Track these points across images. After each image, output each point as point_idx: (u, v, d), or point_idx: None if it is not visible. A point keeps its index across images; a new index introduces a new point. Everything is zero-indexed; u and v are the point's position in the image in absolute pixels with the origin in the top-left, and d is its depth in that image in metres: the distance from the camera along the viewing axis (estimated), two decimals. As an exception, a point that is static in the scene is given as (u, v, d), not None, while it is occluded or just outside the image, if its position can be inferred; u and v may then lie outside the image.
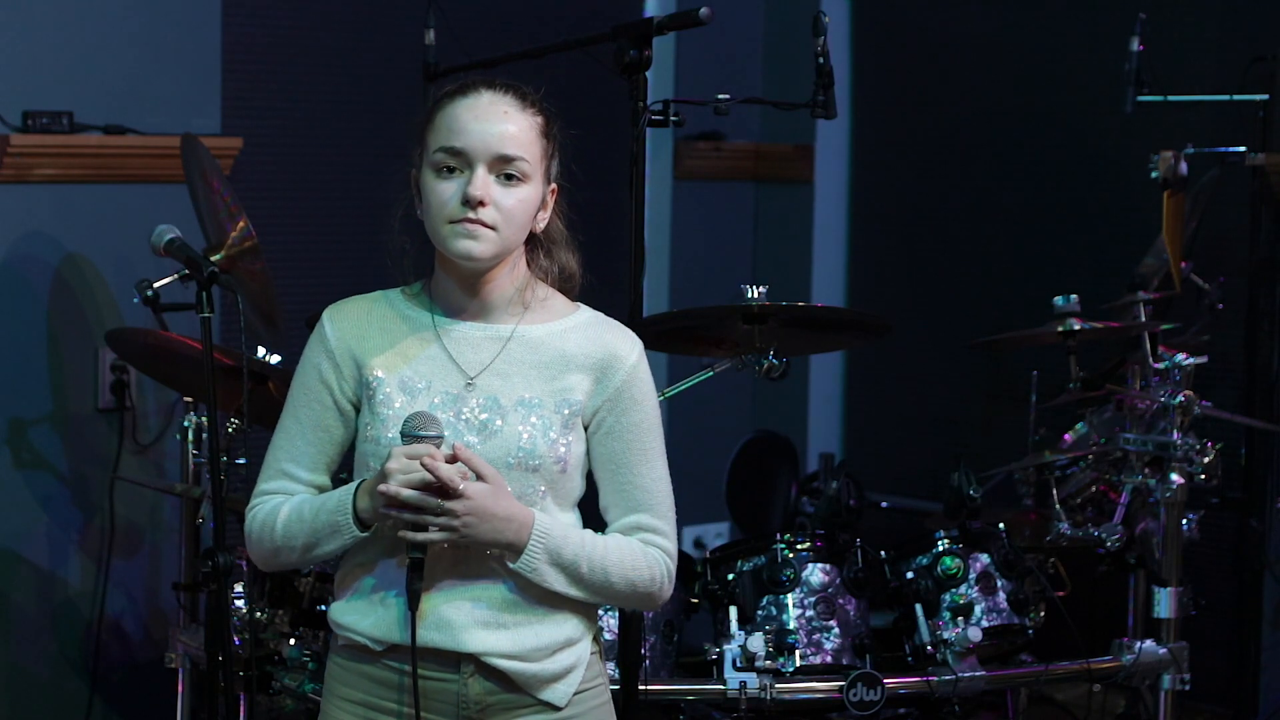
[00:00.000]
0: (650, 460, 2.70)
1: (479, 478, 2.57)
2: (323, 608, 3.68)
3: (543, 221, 2.70)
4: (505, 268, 2.67)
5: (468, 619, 2.61)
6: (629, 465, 2.69)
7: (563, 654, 2.67)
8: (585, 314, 2.74)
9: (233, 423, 3.81)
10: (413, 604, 2.57)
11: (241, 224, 4.01)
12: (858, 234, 6.03)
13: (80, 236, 4.53)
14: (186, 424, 4.02)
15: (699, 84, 5.31)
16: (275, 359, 3.85)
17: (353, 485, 2.62)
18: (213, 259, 3.94)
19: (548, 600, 2.65)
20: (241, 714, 3.52)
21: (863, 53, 5.92)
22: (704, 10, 3.27)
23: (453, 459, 2.56)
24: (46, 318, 4.51)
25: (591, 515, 2.74)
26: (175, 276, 3.91)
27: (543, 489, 2.63)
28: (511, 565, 2.60)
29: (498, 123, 2.61)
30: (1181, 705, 4.12)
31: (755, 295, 3.73)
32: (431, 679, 2.63)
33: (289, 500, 2.68)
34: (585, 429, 2.68)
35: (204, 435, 3.94)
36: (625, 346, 2.70)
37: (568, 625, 2.67)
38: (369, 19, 5.03)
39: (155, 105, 4.60)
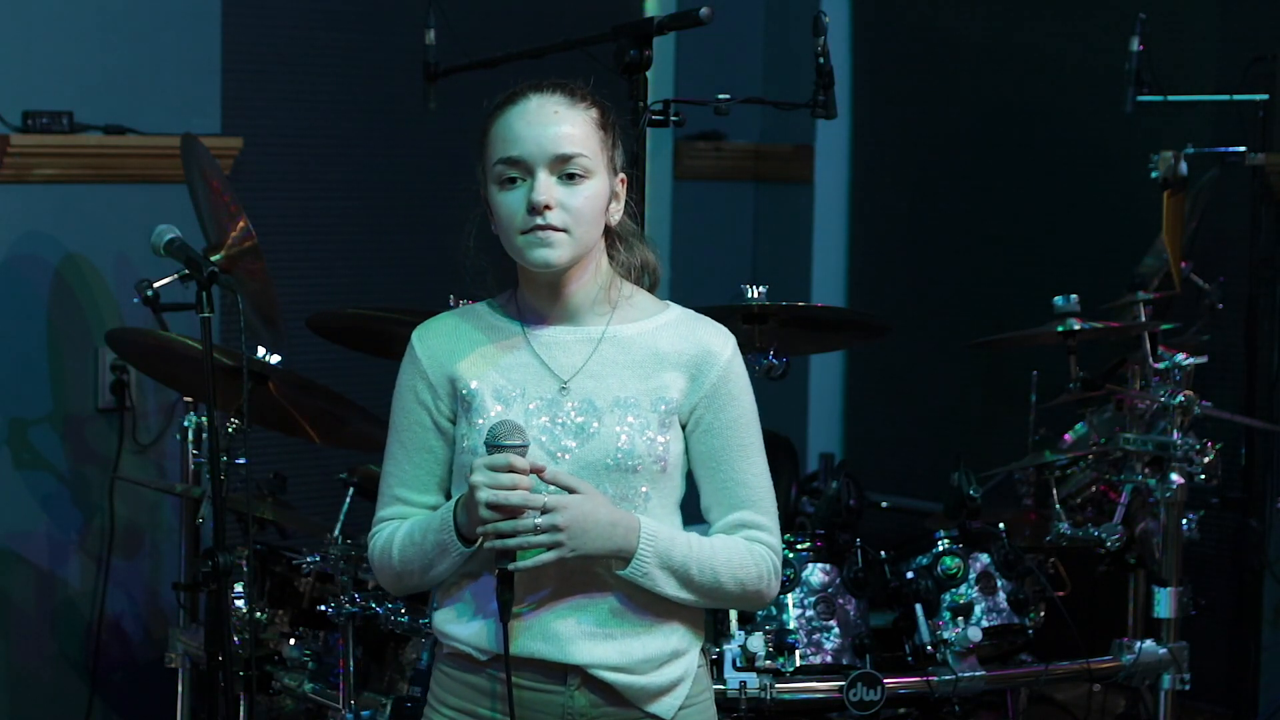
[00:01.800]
0: (750, 456, 2.66)
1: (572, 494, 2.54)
2: (322, 608, 3.68)
3: (616, 214, 2.67)
4: (587, 267, 2.64)
5: (574, 630, 2.59)
6: (729, 462, 2.65)
7: (670, 666, 2.64)
8: (675, 311, 2.72)
9: (233, 423, 3.81)
10: (504, 615, 2.55)
11: (241, 224, 4.00)
12: (858, 234, 6.02)
13: (80, 236, 4.53)
14: (186, 424, 4.02)
15: (699, 84, 5.31)
16: (275, 359, 3.84)
17: (452, 503, 2.59)
18: (213, 259, 3.94)
19: (654, 609, 2.61)
20: (241, 714, 3.52)
21: (863, 53, 5.92)
22: (704, 10, 3.27)
23: (538, 472, 2.53)
24: (46, 318, 4.50)
25: (690, 517, 2.70)
26: (175, 276, 3.91)
27: (645, 489, 2.60)
28: (621, 573, 2.57)
29: (550, 124, 2.58)
30: (1181, 705, 4.12)
31: (755, 295, 3.73)
32: (537, 690, 2.60)
33: (403, 524, 2.66)
34: (683, 428, 2.65)
35: (204, 435, 3.94)
36: (719, 342, 2.68)
37: (675, 636, 2.64)
38: (369, 19, 5.03)
39: (155, 105, 4.60)
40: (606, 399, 2.61)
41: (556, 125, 2.58)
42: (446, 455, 2.67)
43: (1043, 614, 3.99)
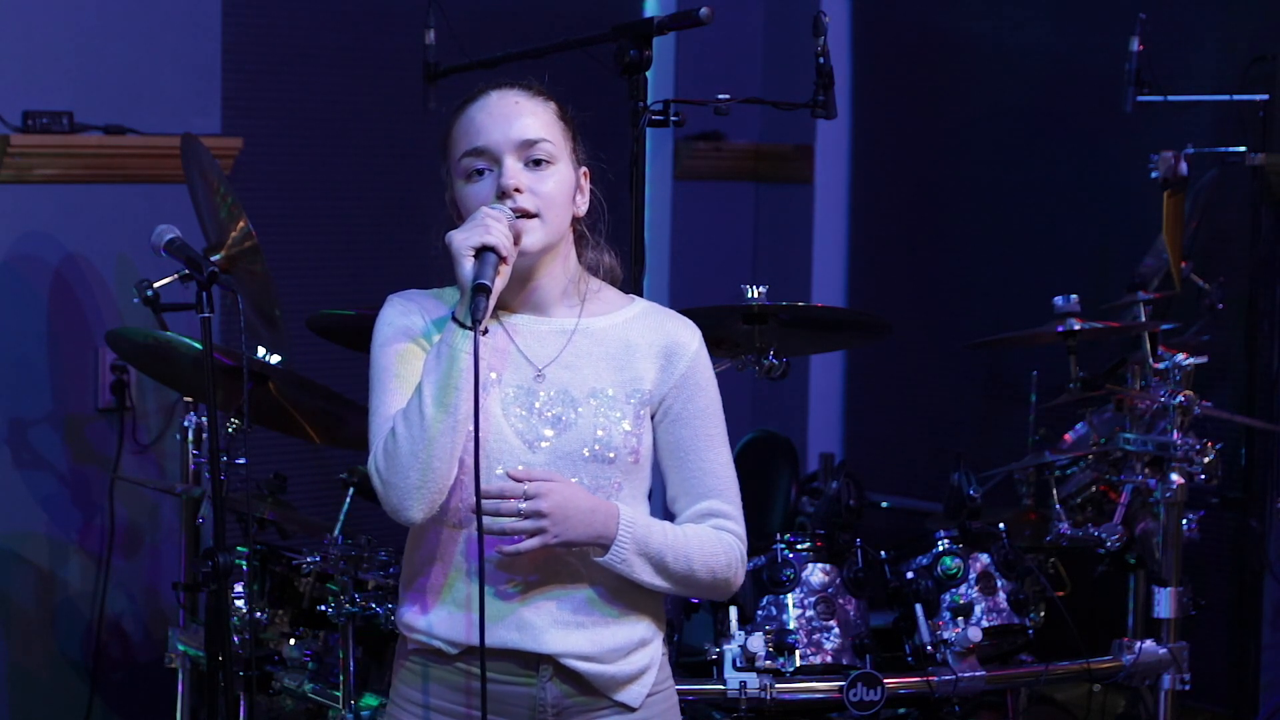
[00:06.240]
0: (716, 446, 2.71)
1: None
2: (322, 608, 3.68)
3: (583, 206, 2.69)
4: (556, 259, 2.66)
5: (547, 620, 2.60)
6: (696, 451, 2.68)
7: (637, 654, 2.66)
8: (642, 304, 2.74)
9: (233, 423, 3.81)
10: (481, 593, 2.52)
11: (241, 224, 4.00)
12: (858, 234, 6.03)
13: (80, 236, 4.53)
14: (186, 424, 4.02)
15: (699, 84, 5.31)
16: (275, 359, 3.84)
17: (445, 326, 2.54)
18: (213, 259, 3.94)
19: (623, 599, 2.63)
20: (241, 714, 3.52)
21: (863, 53, 5.92)
22: (704, 10, 3.27)
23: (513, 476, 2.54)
24: (46, 318, 4.51)
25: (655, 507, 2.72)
26: (175, 276, 3.91)
27: (618, 481, 2.62)
28: (599, 559, 2.58)
29: (512, 114, 2.62)
30: (1181, 705, 4.12)
31: (755, 295, 3.73)
32: (508, 682, 2.61)
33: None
34: (651, 418, 2.67)
35: (204, 435, 3.94)
36: (687, 334, 2.71)
37: (641, 625, 2.66)
38: (369, 19, 5.03)
39: (155, 105, 4.60)
40: (582, 390, 2.63)
41: (519, 115, 2.63)
42: None
43: (1043, 614, 3.99)
